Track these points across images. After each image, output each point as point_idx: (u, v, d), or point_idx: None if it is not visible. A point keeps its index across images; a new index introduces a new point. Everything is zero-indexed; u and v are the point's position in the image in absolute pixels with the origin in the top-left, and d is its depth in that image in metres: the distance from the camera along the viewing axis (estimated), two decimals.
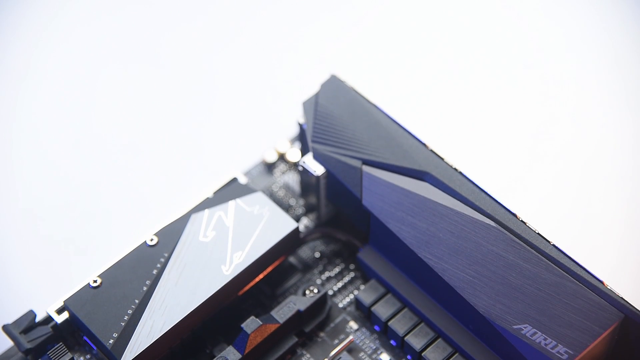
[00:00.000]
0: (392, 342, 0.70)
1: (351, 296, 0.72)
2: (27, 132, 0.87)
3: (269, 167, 0.79)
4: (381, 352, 0.70)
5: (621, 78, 0.88)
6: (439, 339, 0.68)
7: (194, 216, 0.71)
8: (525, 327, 0.63)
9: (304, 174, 0.72)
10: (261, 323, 0.68)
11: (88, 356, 0.70)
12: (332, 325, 0.71)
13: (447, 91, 0.88)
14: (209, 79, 0.89)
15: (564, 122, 0.86)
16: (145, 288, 0.67)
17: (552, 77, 0.89)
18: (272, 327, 0.68)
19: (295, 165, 0.78)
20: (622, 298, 0.63)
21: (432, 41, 0.92)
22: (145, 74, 0.90)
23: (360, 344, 0.70)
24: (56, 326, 0.69)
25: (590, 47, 0.90)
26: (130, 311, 0.66)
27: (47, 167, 0.84)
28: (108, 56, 0.91)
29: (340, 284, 0.73)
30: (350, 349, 0.70)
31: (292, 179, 0.78)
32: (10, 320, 0.69)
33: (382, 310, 0.70)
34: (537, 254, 0.65)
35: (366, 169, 0.69)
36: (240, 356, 0.67)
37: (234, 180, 0.74)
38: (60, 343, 0.66)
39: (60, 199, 0.82)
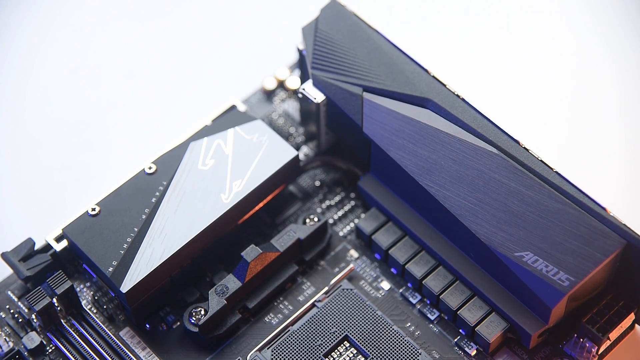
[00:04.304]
0: (392, 270, 0.70)
1: (352, 225, 0.72)
2: (29, 58, 0.85)
3: (268, 95, 0.78)
4: (382, 280, 0.70)
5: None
6: (440, 267, 0.68)
7: (192, 144, 0.70)
8: (526, 255, 0.63)
9: (304, 101, 0.71)
10: (261, 251, 0.67)
11: (88, 284, 0.69)
12: (332, 253, 0.71)
13: (449, 16, 0.87)
14: (207, 4, 0.88)
15: (567, 47, 0.85)
16: (144, 216, 0.67)
17: (553, 3, 0.87)
18: (272, 256, 0.68)
19: (294, 92, 0.77)
20: (624, 225, 0.63)
21: None
22: (145, 0, 0.89)
23: (361, 272, 0.70)
24: (55, 254, 0.69)
25: None
26: (129, 239, 0.66)
27: (45, 94, 0.83)
28: None
29: (340, 213, 0.73)
30: (351, 277, 0.69)
31: (292, 107, 0.77)
32: (9, 248, 0.69)
33: (383, 238, 0.69)
34: (539, 181, 0.64)
35: (367, 96, 0.68)
36: (240, 284, 0.67)
37: (233, 107, 0.73)
38: (60, 271, 0.66)
39: (58, 128, 0.81)
